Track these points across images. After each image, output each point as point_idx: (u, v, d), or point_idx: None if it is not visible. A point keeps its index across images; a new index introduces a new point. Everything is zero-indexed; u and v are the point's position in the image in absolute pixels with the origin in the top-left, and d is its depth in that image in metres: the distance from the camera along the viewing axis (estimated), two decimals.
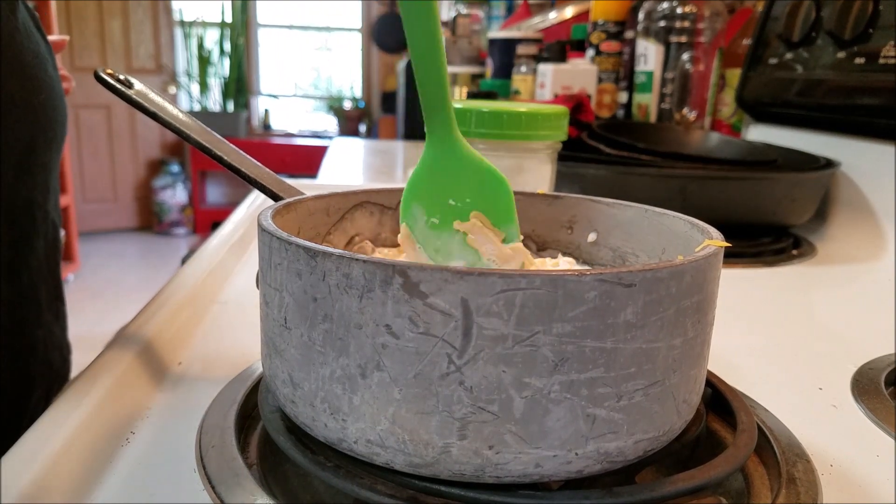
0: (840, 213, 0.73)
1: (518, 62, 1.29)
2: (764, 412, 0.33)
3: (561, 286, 0.21)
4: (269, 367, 0.27)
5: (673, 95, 0.97)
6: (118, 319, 2.59)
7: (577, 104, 0.82)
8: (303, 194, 0.34)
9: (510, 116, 0.46)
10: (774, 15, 0.82)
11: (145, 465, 0.28)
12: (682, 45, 0.95)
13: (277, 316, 0.25)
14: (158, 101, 0.37)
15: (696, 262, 0.24)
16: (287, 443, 0.26)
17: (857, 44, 0.68)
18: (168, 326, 0.41)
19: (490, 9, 2.16)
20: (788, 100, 0.78)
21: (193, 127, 0.36)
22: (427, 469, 0.23)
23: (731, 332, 0.45)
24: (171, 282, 0.49)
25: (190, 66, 4.26)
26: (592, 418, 0.22)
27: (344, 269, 0.22)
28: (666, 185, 0.63)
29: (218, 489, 0.26)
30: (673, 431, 0.25)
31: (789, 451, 0.29)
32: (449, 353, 0.21)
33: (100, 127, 3.99)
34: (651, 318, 0.22)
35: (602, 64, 1.10)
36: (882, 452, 0.31)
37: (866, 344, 0.44)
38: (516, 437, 0.22)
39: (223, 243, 0.61)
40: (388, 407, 0.22)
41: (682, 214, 0.31)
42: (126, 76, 0.37)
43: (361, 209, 0.36)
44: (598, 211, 0.36)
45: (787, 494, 0.26)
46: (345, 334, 0.23)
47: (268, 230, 0.26)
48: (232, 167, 0.36)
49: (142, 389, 0.34)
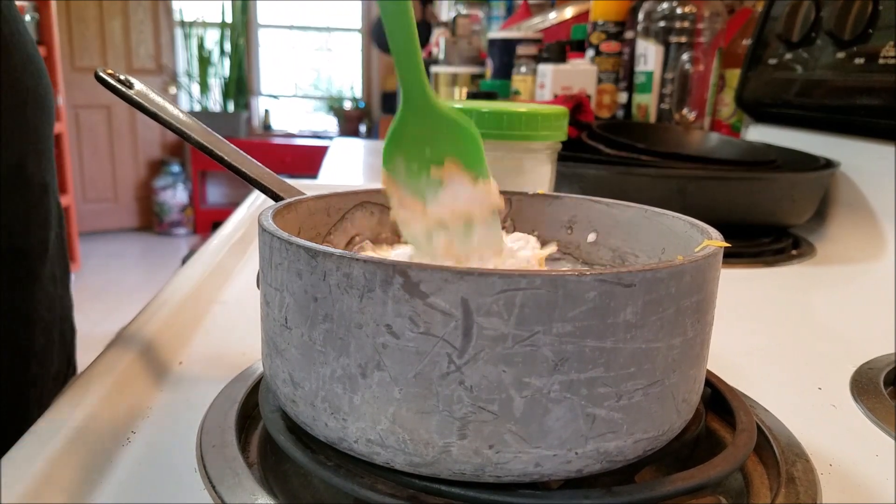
0: (839, 214, 0.73)
1: (518, 62, 1.29)
2: (763, 412, 0.33)
3: (561, 286, 0.21)
4: (270, 367, 0.27)
5: (672, 96, 0.98)
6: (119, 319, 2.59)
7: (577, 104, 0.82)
8: (303, 194, 0.34)
9: (510, 117, 0.46)
10: (774, 15, 0.82)
11: (146, 465, 0.28)
12: (682, 46, 0.95)
13: (278, 316, 0.25)
14: (159, 102, 0.37)
15: (696, 262, 0.24)
16: (287, 442, 0.26)
17: (856, 44, 0.68)
18: (169, 326, 0.41)
19: (490, 9, 2.16)
20: (788, 100, 0.78)
21: (194, 127, 0.37)
22: (427, 468, 0.23)
23: (731, 332, 0.45)
24: (171, 282, 0.50)
25: (190, 67, 4.26)
26: (592, 418, 0.22)
27: (344, 269, 0.22)
28: (665, 185, 0.63)
29: (218, 489, 0.26)
30: (672, 431, 0.25)
31: (788, 451, 0.29)
32: (449, 353, 0.21)
33: (100, 127, 3.99)
34: (651, 318, 0.22)
35: (602, 64, 1.11)
36: (881, 452, 0.31)
37: (865, 344, 0.44)
38: (516, 436, 0.22)
39: (224, 243, 0.61)
40: (389, 406, 0.23)
41: (682, 215, 0.31)
42: (126, 76, 0.37)
43: (362, 209, 0.36)
44: (597, 211, 0.36)
45: (786, 494, 0.26)
46: (345, 334, 0.23)
47: (268, 230, 0.26)
48: (232, 167, 0.36)
49: (142, 389, 0.34)
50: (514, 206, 0.38)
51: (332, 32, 4.58)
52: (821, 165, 0.70)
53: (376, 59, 4.45)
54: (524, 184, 0.49)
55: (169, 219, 4.13)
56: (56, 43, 3.01)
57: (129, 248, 3.87)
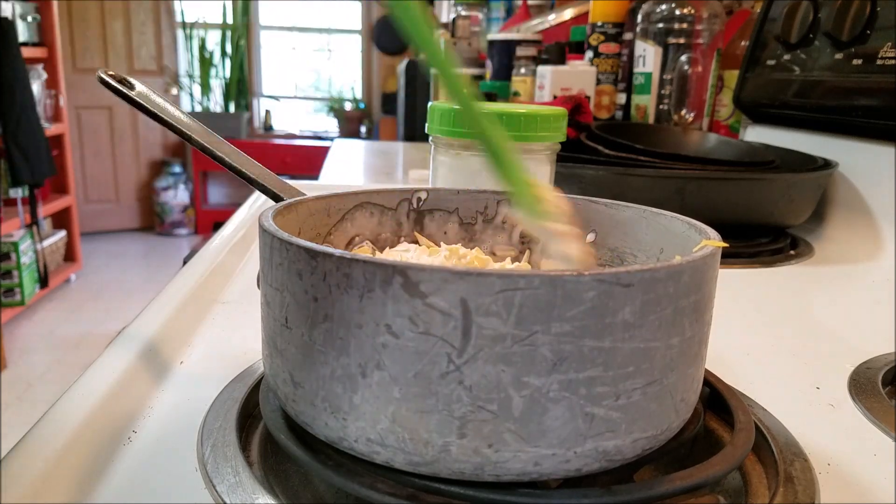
0: (838, 214, 0.73)
1: (517, 64, 1.30)
2: (761, 411, 0.33)
3: (559, 286, 0.21)
4: (270, 367, 0.27)
5: (671, 97, 0.98)
6: (120, 319, 2.59)
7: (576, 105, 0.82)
8: (303, 195, 0.34)
9: (509, 118, 0.46)
10: (772, 16, 0.82)
11: (147, 465, 0.28)
12: (681, 47, 0.96)
13: (278, 316, 0.25)
14: (160, 103, 0.37)
15: (694, 262, 0.24)
16: (288, 441, 0.27)
17: (854, 45, 0.68)
18: (170, 326, 0.41)
19: (489, 10, 2.16)
20: (786, 101, 0.78)
21: (195, 128, 0.37)
22: (427, 467, 0.23)
23: (729, 332, 0.45)
24: (172, 282, 0.50)
25: (192, 68, 4.27)
26: (591, 417, 0.23)
27: (344, 270, 0.22)
28: (664, 185, 0.63)
29: (219, 488, 0.26)
30: (671, 430, 0.25)
31: (787, 450, 0.29)
32: (448, 353, 0.22)
33: (102, 128, 3.99)
34: (649, 317, 0.22)
35: (601, 65, 1.11)
36: (879, 451, 0.31)
37: (864, 343, 0.44)
38: (515, 435, 0.22)
39: (225, 244, 0.61)
40: (388, 406, 0.23)
41: (680, 215, 0.31)
42: (128, 77, 0.37)
43: (362, 210, 0.36)
44: (596, 211, 0.36)
45: (784, 493, 0.26)
46: (345, 334, 0.23)
47: (269, 231, 0.26)
48: (233, 168, 0.36)
49: (143, 388, 0.34)
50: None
51: (333, 34, 4.59)
52: (819, 166, 0.70)
53: (377, 61, 4.45)
54: None
55: (170, 219, 4.13)
56: (58, 44, 3.02)
57: (131, 249, 3.87)
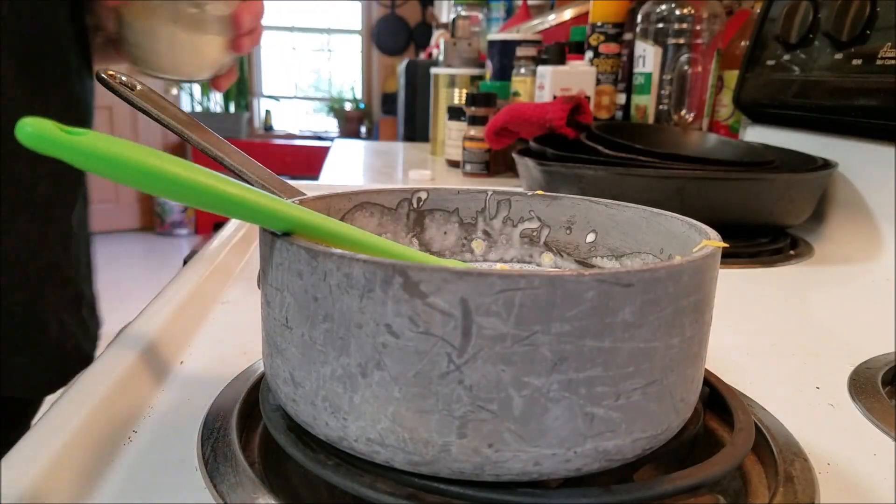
0: (837, 214, 0.73)
1: (517, 64, 1.30)
2: (761, 411, 0.33)
3: (560, 286, 0.21)
4: (271, 366, 0.27)
5: (671, 97, 0.98)
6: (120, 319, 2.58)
7: (576, 106, 0.82)
8: (304, 195, 0.34)
9: None
10: (772, 16, 0.82)
11: (147, 465, 0.28)
12: (680, 47, 0.96)
13: (279, 315, 0.25)
14: (160, 103, 0.37)
15: (694, 262, 0.24)
16: (288, 441, 0.27)
17: (854, 45, 0.68)
18: (170, 326, 0.41)
19: (489, 11, 2.16)
20: (786, 101, 0.78)
21: (195, 128, 0.37)
22: (427, 467, 0.23)
23: (729, 332, 0.45)
24: (173, 282, 0.50)
25: None
26: (591, 417, 0.23)
27: (344, 269, 0.22)
28: (664, 185, 0.63)
29: (219, 488, 0.26)
30: (671, 430, 0.25)
31: (787, 450, 0.29)
32: (448, 353, 0.22)
33: (102, 128, 3.93)
34: (649, 317, 0.23)
35: (601, 66, 1.11)
36: (879, 451, 0.31)
37: (863, 343, 0.44)
38: (515, 435, 0.22)
39: (225, 243, 0.61)
40: (389, 405, 0.23)
41: (680, 215, 0.31)
42: (128, 78, 0.37)
43: (362, 210, 0.36)
44: (596, 211, 0.36)
45: (784, 493, 0.26)
46: (345, 334, 0.23)
47: (269, 230, 0.26)
48: (233, 168, 0.36)
49: (143, 388, 0.34)
50: (512, 207, 0.38)
51: (333, 34, 4.59)
52: (819, 166, 0.70)
53: (377, 61, 4.45)
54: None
55: (170, 219, 4.13)
56: None
57: (131, 249, 3.87)
